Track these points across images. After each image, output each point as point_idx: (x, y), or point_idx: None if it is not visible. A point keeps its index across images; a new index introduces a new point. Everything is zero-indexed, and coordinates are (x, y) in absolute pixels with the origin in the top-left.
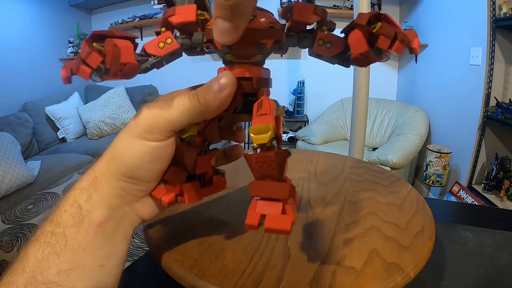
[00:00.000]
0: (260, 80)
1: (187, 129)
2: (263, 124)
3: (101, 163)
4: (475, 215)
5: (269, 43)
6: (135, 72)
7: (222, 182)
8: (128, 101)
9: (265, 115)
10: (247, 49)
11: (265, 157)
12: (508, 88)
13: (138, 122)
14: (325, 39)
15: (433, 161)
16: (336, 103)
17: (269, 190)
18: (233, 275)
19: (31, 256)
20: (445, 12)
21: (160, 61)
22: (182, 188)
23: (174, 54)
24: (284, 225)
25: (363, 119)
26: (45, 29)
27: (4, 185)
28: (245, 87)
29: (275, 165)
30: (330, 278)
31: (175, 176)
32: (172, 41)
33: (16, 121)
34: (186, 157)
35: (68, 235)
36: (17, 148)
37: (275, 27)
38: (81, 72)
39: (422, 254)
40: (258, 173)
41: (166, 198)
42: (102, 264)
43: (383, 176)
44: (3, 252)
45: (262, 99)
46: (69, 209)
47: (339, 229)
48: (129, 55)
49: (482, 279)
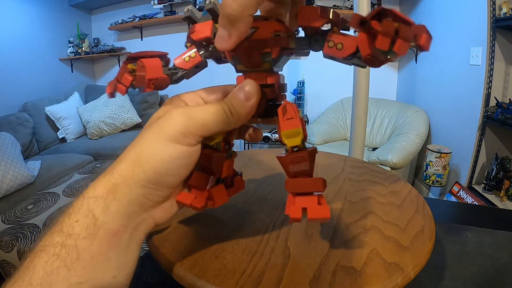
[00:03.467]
0: (281, 86)
1: (214, 136)
2: (294, 129)
3: (122, 167)
4: (475, 215)
5: (274, 51)
6: (166, 84)
7: (242, 182)
8: (128, 101)
9: (292, 119)
10: (252, 58)
11: (299, 157)
12: (508, 88)
13: (171, 125)
14: (335, 41)
15: (433, 161)
16: (336, 103)
17: (306, 185)
18: (233, 275)
19: (38, 268)
20: (445, 12)
21: (188, 73)
22: (210, 191)
23: (198, 66)
24: (324, 213)
25: (363, 119)
26: (45, 29)
27: (4, 185)
28: (268, 94)
29: (308, 162)
30: (330, 278)
31: (201, 181)
32: (196, 55)
33: (16, 121)
34: (215, 163)
35: (80, 248)
36: (17, 148)
37: (280, 35)
38: (118, 89)
39: (422, 254)
40: (292, 172)
41: (198, 203)
42: (114, 275)
43: (383, 176)
44: (3, 252)
45: (286, 104)
46: (81, 219)
47: (339, 229)
48: (157, 72)
49: (482, 279)
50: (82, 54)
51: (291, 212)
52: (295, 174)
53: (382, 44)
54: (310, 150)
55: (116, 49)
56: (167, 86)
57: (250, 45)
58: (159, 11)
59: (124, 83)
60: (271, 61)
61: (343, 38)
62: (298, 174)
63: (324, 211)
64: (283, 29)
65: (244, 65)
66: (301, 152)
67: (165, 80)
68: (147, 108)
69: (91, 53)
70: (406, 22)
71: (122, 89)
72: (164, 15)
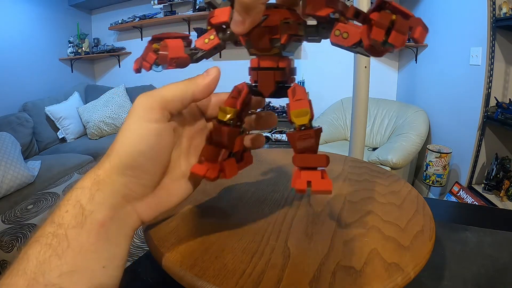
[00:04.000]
0: (291, 70)
1: (228, 111)
2: (303, 108)
3: (104, 161)
4: (475, 215)
5: (283, 37)
6: (186, 63)
7: (251, 157)
8: (128, 101)
9: (300, 100)
10: (262, 43)
11: (307, 134)
12: (508, 88)
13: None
14: (341, 30)
15: (433, 161)
16: (336, 103)
17: (311, 160)
18: (233, 275)
19: (31, 258)
20: (445, 12)
21: (207, 53)
22: (222, 164)
23: (216, 47)
24: (326, 186)
25: (363, 119)
26: (45, 29)
27: (4, 185)
28: (278, 76)
29: (314, 140)
30: (330, 278)
31: (214, 154)
32: (214, 38)
33: (16, 121)
34: (228, 137)
35: (70, 237)
36: (17, 148)
37: (289, 22)
38: (143, 66)
39: (422, 254)
40: (299, 148)
41: (211, 174)
42: (104, 265)
43: (383, 176)
44: (3, 252)
45: (295, 86)
46: (71, 209)
47: (339, 229)
48: (179, 51)
49: (482, 279)
50: (82, 54)
51: (297, 184)
52: (302, 150)
53: (377, 35)
54: (316, 128)
55: (116, 49)
56: (187, 65)
57: (260, 31)
58: (159, 11)
59: (148, 61)
60: (280, 46)
61: (349, 27)
62: (304, 150)
63: (327, 184)
64: (292, 17)
65: (255, 49)
66: (308, 130)
67: (186, 60)
68: None
69: (91, 53)
70: (405, 14)
71: (147, 66)
72: (164, 15)
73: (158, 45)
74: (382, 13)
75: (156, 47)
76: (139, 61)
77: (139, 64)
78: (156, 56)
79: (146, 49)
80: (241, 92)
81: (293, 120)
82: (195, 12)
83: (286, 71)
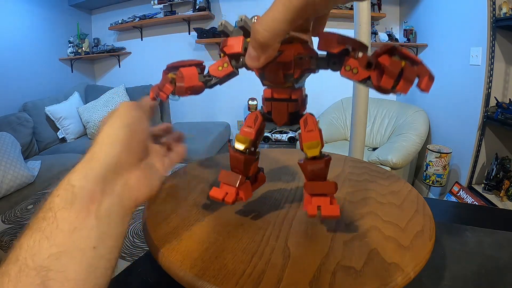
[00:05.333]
0: (303, 100)
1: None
2: (314, 141)
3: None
4: (475, 215)
5: (296, 72)
6: (201, 91)
7: (263, 177)
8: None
9: (312, 131)
10: (277, 77)
11: (317, 164)
12: (508, 88)
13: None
14: (352, 65)
15: (433, 161)
16: (336, 103)
17: (321, 188)
18: (233, 275)
19: (23, 244)
20: (445, 12)
21: (220, 80)
22: (239, 188)
23: (230, 75)
24: (335, 212)
25: (363, 119)
26: (45, 29)
27: (4, 185)
28: (291, 107)
29: (324, 169)
30: (330, 278)
31: (231, 179)
32: (228, 66)
33: (16, 121)
34: (245, 165)
35: (59, 218)
36: (17, 148)
37: (302, 57)
38: (160, 96)
39: (422, 254)
40: (310, 176)
41: (229, 198)
42: (94, 245)
43: (383, 176)
44: (3, 252)
45: (306, 117)
46: (62, 192)
47: (339, 229)
48: (194, 80)
49: (482, 279)
50: (82, 54)
51: (309, 210)
52: (313, 177)
53: (387, 83)
54: (326, 159)
55: (116, 49)
56: (201, 92)
57: (275, 66)
58: (159, 11)
59: (165, 92)
60: (293, 80)
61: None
62: (315, 178)
63: (335, 210)
64: (305, 52)
65: (269, 82)
66: (319, 160)
67: (200, 88)
68: None
69: (91, 53)
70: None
71: (164, 97)
72: (164, 15)
73: (173, 74)
74: (393, 61)
75: (172, 77)
76: (156, 90)
77: (156, 93)
78: (173, 87)
79: (163, 80)
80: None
81: (305, 151)
82: (195, 12)
83: (299, 102)
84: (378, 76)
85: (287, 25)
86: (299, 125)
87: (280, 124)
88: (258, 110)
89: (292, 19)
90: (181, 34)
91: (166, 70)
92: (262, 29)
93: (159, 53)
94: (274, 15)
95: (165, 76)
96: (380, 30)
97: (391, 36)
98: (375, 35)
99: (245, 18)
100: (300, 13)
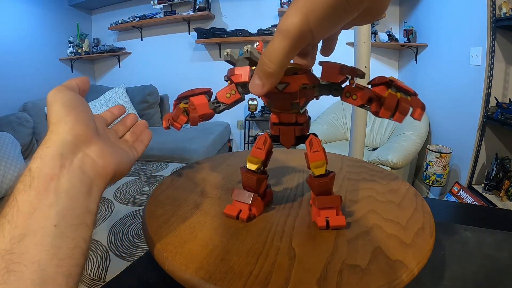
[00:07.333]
0: (307, 123)
1: (255, 162)
2: (320, 161)
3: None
4: (475, 215)
5: (301, 101)
6: (212, 117)
7: (271, 193)
8: (128, 101)
9: (317, 152)
10: (284, 106)
11: (324, 182)
12: (508, 88)
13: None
14: (351, 92)
15: (433, 161)
16: (336, 103)
17: (328, 202)
18: (240, 277)
19: None
20: (445, 12)
21: (228, 106)
22: (251, 205)
23: (237, 101)
24: (341, 222)
25: (363, 119)
26: (45, 29)
27: (4, 185)
28: (298, 131)
29: (329, 185)
30: (337, 277)
31: (243, 196)
32: (236, 92)
33: (16, 121)
34: (257, 183)
35: (19, 201)
36: (17, 148)
37: (307, 87)
38: (175, 127)
39: (424, 251)
40: (318, 191)
41: (244, 215)
42: (55, 224)
43: (381, 175)
44: None
45: (311, 138)
46: (22, 178)
47: (341, 228)
48: (204, 108)
49: (482, 279)
50: (82, 54)
51: (319, 222)
52: (320, 192)
53: (384, 115)
54: (331, 176)
55: (116, 49)
56: (212, 118)
57: (282, 96)
58: (159, 11)
59: (180, 122)
60: (299, 107)
61: (358, 91)
62: (322, 193)
63: (341, 220)
64: (309, 82)
65: (276, 109)
66: (325, 178)
67: (210, 115)
68: (147, 108)
69: (91, 53)
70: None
71: (178, 127)
72: (164, 15)
73: (185, 104)
74: (390, 94)
75: (184, 107)
76: (170, 121)
77: (170, 123)
78: (186, 118)
79: (176, 111)
80: (265, 143)
81: (312, 170)
82: (195, 12)
83: (304, 126)
84: (377, 106)
85: (291, 54)
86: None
87: (288, 146)
88: (267, 133)
89: (293, 48)
90: (181, 34)
91: (177, 100)
92: (269, 61)
93: (159, 53)
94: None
95: (177, 107)
96: (380, 30)
97: (391, 36)
98: (375, 35)
99: (251, 49)
100: (300, 41)
